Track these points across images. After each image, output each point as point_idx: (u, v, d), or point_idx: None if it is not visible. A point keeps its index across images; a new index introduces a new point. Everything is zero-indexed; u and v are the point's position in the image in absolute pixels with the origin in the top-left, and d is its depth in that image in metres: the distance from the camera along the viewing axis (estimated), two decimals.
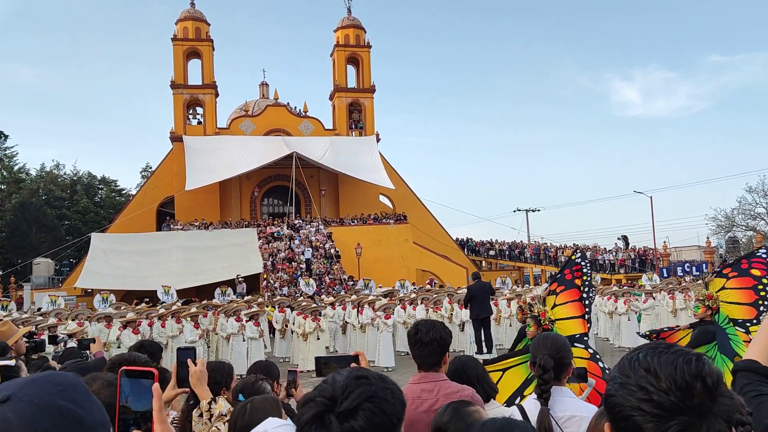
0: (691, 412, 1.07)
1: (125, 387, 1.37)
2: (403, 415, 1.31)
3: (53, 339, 7.12)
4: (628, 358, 1.19)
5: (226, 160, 38.87)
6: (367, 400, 1.24)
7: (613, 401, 1.16)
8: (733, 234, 50.77)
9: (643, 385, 1.11)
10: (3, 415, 0.98)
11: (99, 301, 25.17)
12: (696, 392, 1.08)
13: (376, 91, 45.02)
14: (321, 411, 1.23)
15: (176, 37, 42.65)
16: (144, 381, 1.38)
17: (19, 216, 46.60)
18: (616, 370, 1.20)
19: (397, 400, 1.30)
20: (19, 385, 1.04)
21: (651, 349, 1.18)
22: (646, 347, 1.20)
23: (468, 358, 3.64)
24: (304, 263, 33.43)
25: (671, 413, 1.07)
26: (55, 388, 1.04)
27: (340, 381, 1.27)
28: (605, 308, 18.35)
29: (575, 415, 2.84)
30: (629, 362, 1.17)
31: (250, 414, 2.75)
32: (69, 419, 1.01)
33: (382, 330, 15.97)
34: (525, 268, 44.55)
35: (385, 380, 1.32)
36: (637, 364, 1.15)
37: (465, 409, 2.43)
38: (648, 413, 1.09)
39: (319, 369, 2.66)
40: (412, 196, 45.88)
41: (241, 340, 15.53)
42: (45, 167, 59.60)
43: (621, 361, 1.21)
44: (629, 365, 1.16)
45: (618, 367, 1.20)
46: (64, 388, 1.05)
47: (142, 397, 1.37)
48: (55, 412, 1.00)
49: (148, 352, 3.77)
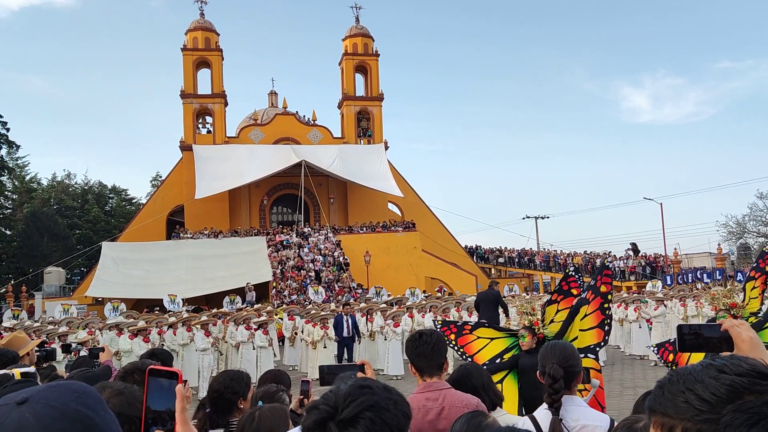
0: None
1: (150, 386, 1.39)
2: (406, 427, 1.31)
3: (66, 348, 7.17)
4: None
5: (235, 168, 39.05)
6: (368, 409, 1.24)
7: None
8: (744, 240, 50.38)
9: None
10: (21, 415, 0.99)
11: (109, 310, 25.30)
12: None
13: (384, 99, 45.19)
14: (323, 418, 1.24)
15: (186, 47, 43.01)
16: (163, 380, 1.39)
17: (31, 225, 46.99)
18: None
19: (400, 411, 1.30)
20: (37, 390, 1.06)
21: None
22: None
23: (473, 366, 3.64)
24: (313, 272, 33.46)
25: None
26: (72, 394, 1.06)
27: (343, 389, 1.28)
28: (616, 316, 18.22)
29: (588, 425, 2.82)
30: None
31: (258, 423, 2.76)
32: (85, 424, 1.03)
33: (390, 338, 15.93)
34: (534, 276, 44.37)
35: (389, 391, 1.33)
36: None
37: (482, 420, 2.44)
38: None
39: (323, 378, 2.66)
40: (421, 203, 45.88)
41: (251, 348, 15.54)
42: (56, 177, 60.22)
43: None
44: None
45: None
46: (80, 395, 1.06)
47: (160, 396, 1.38)
48: (71, 416, 1.02)
49: (158, 360, 3.79)
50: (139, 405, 1.80)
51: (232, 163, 39.34)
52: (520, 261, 44.23)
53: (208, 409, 3.32)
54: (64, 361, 9.67)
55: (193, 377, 13.93)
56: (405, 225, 39.99)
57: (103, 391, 1.82)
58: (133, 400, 1.84)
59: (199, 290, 30.53)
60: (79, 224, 53.90)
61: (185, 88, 42.28)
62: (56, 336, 14.29)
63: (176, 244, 36.01)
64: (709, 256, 44.51)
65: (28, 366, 3.95)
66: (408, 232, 38.58)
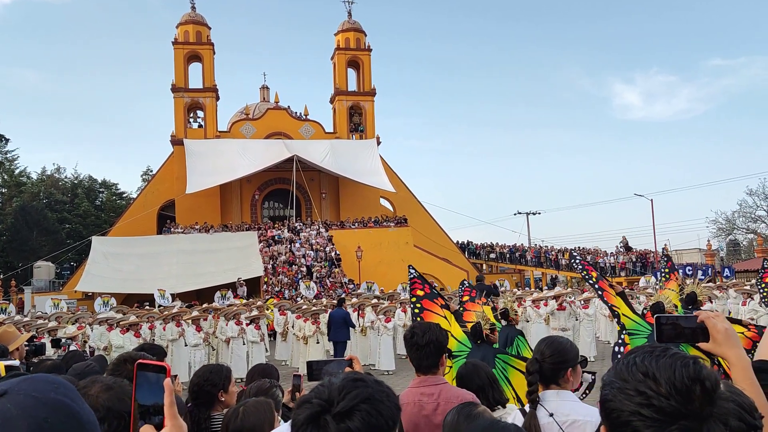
0: (692, 416, 1.06)
1: (138, 380, 1.38)
2: (398, 418, 1.32)
3: (56, 342, 7.13)
4: (625, 362, 1.17)
5: (226, 163, 38.89)
6: (364, 402, 1.24)
7: (610, 406, 1.14)
8: (733, 237, 50.80)
9: (641, 389, 1.09)
10: (2, 406, 1.00)
11: (100, 305, 25.21)
12: (695, 396, 1.06)
13: (376, 94, 45.08)
14: (317, 412, 1.23)
15: (177, 40, 42.72)
16: (151, 375, 1.38)
17: (20, 219, 46.64)
18: (612, 374, 1.18)
19: (393, 402, 1.32)
20: (15, 382, 1.07)
21: (648, 352, 1.16)
22: (642, 350, 1.18)
23: (480, 364, 3.65)
24: (304, 267, 33.41)
25: (672, 418, 1.06)
26: (50, 384, 1.08)
27: (336, 383, 1.28)
28: (605, 311, 18.32)
29: (578, 420, 2.83)
30: (626, 366, 1.15)
31: (242, 418, 2.75)
32: (66, 412, 1.05)
33: (382, 333, 15.94)
34: (526, 271, 44.50)
35: (380, 383, 1.34)
36: (634, 368, 1.13)
37: (472, 409, 2.45)
38: (648, 418, 1.07)
39: (311, 373, 2.64)
40: (413, 199, 45.88)
41: (242, 343, 15.50)
42: (46, 171, 59.72)
43: (617, 365, 1.19)
44: (626, 369, 1.14)
45: (614, 371, 1.18)
46: (58, 385, 1.08)
47: (149, 390, 1.37)
48: (52, 405, 1.04)
49: (152, 354, 3.77)
50: (128, 400, 1.78)
51: (223, 158, 39.18)
52: (511, 257, 44.33)
53: (189, 404, 3.31)
54: (54, 356, 9.61)
55: (183, 372, 13.88)
56: (397, 220, 40.00)
57: (93, 386, 1.80)
58: (123, 395, 1.82)
59: (189, 285, 30.42)
60: (69, 218, 53.52)
61: (176, 82, 42.02)
62: (46, 331, 14.21)
63: (167, 239, 35.84)
64: (698, 252, 44.81)
65: (16, 360, 3.92)
66: (400, 227, 38.59)
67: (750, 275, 29.01)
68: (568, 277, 40.29)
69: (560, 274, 40.98)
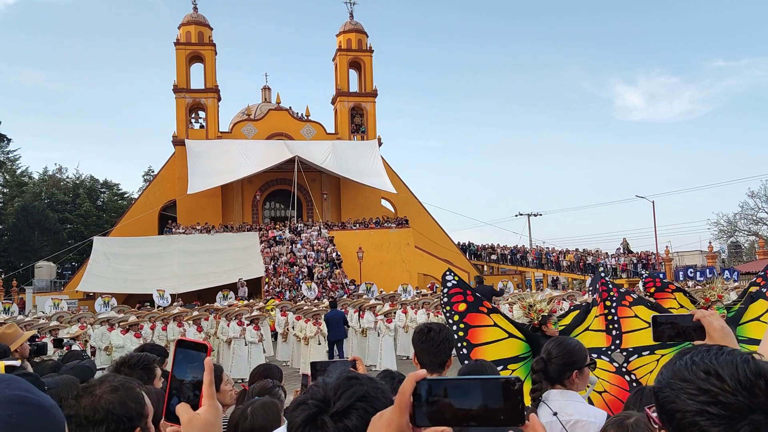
0: (759, 410, 1.07)
1: (177, 356, 1.38)
2: None
3: (58, 342, 7.13)
4: (682, 363, 1.16)
5: (228, 164, 38.93)
6: (360, 400, 1.23)
7: (673, 408, 1.13)
8: (735, 239, 50.74)
9: (706, 387, 1.09)
10: None
11: (100, 305, 25.18)
12: (760, 390, 1.08)
13: (378, 95, 45.11)
14: (313, 413, 1.22)
15: (179, 41, 42.76)
16: (192, 352, 1.38)
17: (22, 219, 46.68)
18: (668, 375, 1.17)
19: (388, 399, 1.31)
20: None
21: (704, 351, 1.16)
22: (697, 350, 1.18)
23: (486, 363, 3.65)
24: (305, 267, 33.41)
25: (740, 413, 1.07)
26: (2, 383, 1.12)
27: (331, 383, 1.27)
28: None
29: (581, 420, 2.83)
30: (685, 366, 1.15)
31: (251, 419, 2.75)
32: (29, 404, 1.10)
33: (383, 334, 15.94)
34: (527, 273, 44.46)
35: (374, 381, 1.33)
36: (695, 368, 1.13)
37: (483, 362, 2.43)
38: (716, 416, 1.07)
39: (314, 374, 2.64)
40: (414, 200, 45.88)
41: (243, 344, 15.50)
42: (48, 171, 59.81)
43: (672, 367, 1.18)
44: (686, 369, 1.14)
45: (669, 372, 1.17)
46: (10, 381, 1.14)
47: (187, 366, 1.37)
48: (15, 401, 1.08)
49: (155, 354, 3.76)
50: (133, 404, 1.77)
51: (224, 159, 39.22)
52: (512, 258, 44.30)
53: None
54: (55, 355, 9.61)
55: None
56: (398, 221, 40.00)
57: (101, 385, 1.79)
58: (127, 398, 1.76)
59: (191, 285, 30.43)
60: (71, 219, 53.55)
61: (178, 83, 42.05)
62: (47, 330, 14.22)
63: (168, 239, 35.87)
64: (700, 254, 44.75)
65: (17, 360, 3.92)
66: (401, 228, 38.58)
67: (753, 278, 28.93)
68: (569, 278, 40.28)
69: (561, 276, 40.96)
